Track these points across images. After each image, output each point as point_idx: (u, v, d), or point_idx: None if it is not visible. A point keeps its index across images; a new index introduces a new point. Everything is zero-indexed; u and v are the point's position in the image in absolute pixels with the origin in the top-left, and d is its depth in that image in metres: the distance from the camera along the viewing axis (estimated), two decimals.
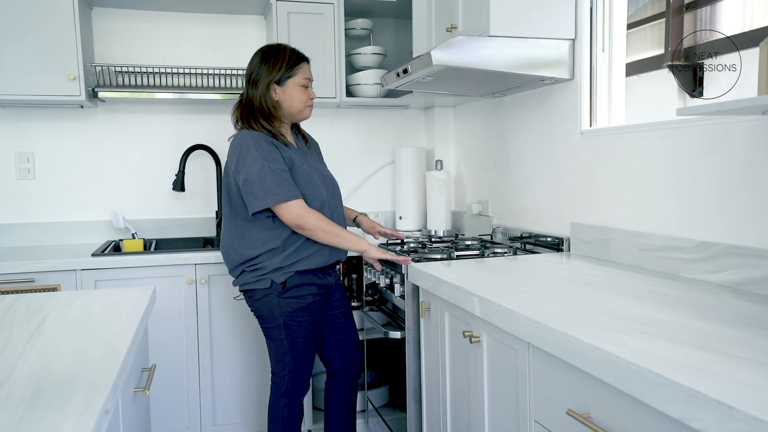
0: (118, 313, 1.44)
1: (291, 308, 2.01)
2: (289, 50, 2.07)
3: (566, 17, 2.14)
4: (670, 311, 1.31)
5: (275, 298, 2.00)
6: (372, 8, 3.08)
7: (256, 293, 2.03)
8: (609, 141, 2.00)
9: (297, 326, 2.03)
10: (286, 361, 2.05)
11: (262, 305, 2.03)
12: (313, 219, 1.94)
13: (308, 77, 2.08)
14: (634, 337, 1.12)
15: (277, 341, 2.04)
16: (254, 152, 1.93)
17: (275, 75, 2.01)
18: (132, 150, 2.95)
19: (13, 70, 2.48)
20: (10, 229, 2.79)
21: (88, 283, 2.39)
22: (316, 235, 1.96)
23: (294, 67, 2.04)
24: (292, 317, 2.02)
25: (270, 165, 1.92)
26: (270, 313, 2.02)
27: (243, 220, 2.03)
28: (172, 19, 2.97)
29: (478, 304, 1.53)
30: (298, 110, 2.08)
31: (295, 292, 2.02)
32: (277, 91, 2.03)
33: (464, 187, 3.11)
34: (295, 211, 1.93)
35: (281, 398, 2.08)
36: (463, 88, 2.53)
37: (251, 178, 1.91)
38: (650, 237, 1.81)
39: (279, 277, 1.99)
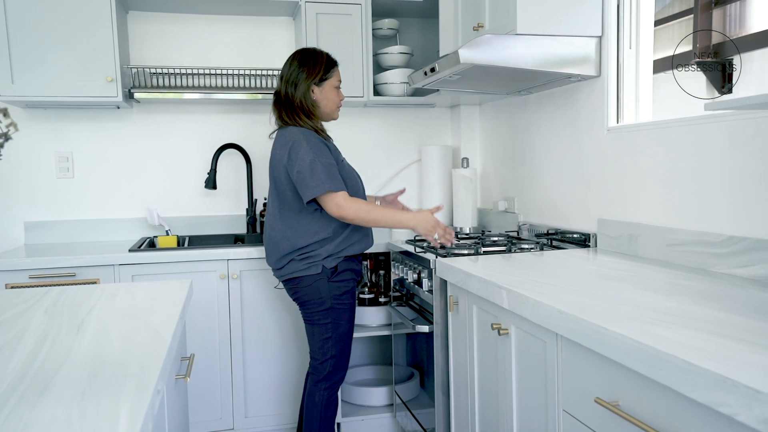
0: (159, 304, 1.51)
1: (339, 291, 2.17)
2: (326, 54, 2.23)
3: (593, 15, 2.16)
4: (698, 303, 1.33)
5: (325, 282, 2.14)
6: (399, 8, 3.12)
7: (304, 280, 2.15)
8: (636, 137, 2.02)
9: (342, 309, 2.19)
10: (328, 346, 2.18)
11: (310, 290, 2.15)
12: (353, 210, 2.06)
13: (340, 80, 2.26)
14: (662, 326, 1.14)
15: (321, 326, 2.17)
16: (305, 146, 2.07)
17: (318, 75, 2.17)
18: (166, 149, 3.04)
19: (54, 72, 2.57)
20: (51, 225, 2.90)
21: (125, 278, 2.47)
22: (359, 222, 2.09)
23: (330, 70, 2.20)
24: (339, 300, 2.17)
25: (319, 158, 2.06)
26: (318, 297, 2.15)
27: (292, 212, 2.16)
28: (205, 22, 3.05)
29: (506, 297, 1.56)
30: (331, 110, 2.25)
31: (342, 276, 2.18)
32: (315, 91, 2.18)
33: (490, 185, 3.14)
34: (335, 203, 2.05)
35: (321, 383, 2.21)
36: (490, 86, 2.56)
37: (303, 170, 2.04)
38: (678, 232, 1.82)
39: (330, 263, 2.14)
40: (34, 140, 2.88)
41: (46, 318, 1.36)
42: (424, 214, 2.14)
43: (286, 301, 2.65)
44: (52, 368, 1.01)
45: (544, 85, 2.45)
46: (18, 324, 1.32)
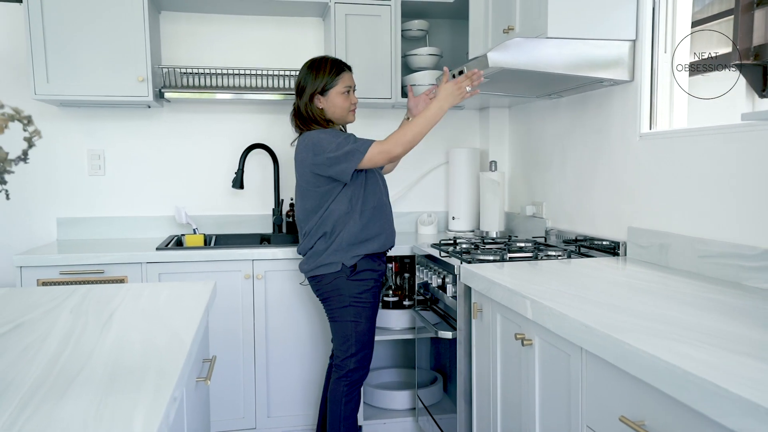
0: (182, 306, 1.52)
1: (359, 289, 2.22)
2: (330, 62, 2.27)
3: (627, 18, 2.10)
4: (730, 320, 1.28)
5: (344, 280, 2.20)
6: (428, 9, 3.09)
7: (325, 277, 2.22)
8: (669, 144, 1.96)
9: (362, 307, 2.23)
10: (350, 343, 2.22)
11: (331, 287, 2.22)
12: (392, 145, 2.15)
13: (348, 85, 2.28)
14: (692, 345, 1.10)
15: (342, 323, 2.23)
16: (326, 136, 2.18)
17: (318, 86, 2.23)
18: (195, 148, 3.07)
19: (87, 72, 2.61)
20: (83, 222, 2.95)
21: (152, 276, 2.50)
22: (410, 148, 2.18)
23: (335, 77, 2.24)
24: (358, 298, 2.22)
25: (340, 138, 2.16)
26: (338, 294, 2.21)
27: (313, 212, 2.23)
28: (235, 22, 3.06)
29: (530, 307, 1.53)
30: (341, 116, 2.30)
31: (362, 276, 2.23)
32: (321, 99, 2.26)
33: (518, 189, 3.10)
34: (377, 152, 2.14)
35: (342, 379, 2.25)
36: (519, 89, 2.52)
37: (332, 154, 2.13)
38: (710, 243, 1.77)
39: (349, 261, 2.20)
40: (67, 138, 2.93)
41: (72, 318, 1.38)
42: (442, 89, 2.18)
43: (310, 302, 2.66)
44: (73, 371, 1.02)
45: (576, 89, 2.40)
46: (44, 323, 1.33)
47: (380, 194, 2.31)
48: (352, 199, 2.21)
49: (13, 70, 2.83)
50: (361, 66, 2.86)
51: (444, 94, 2.17)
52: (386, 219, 2.32)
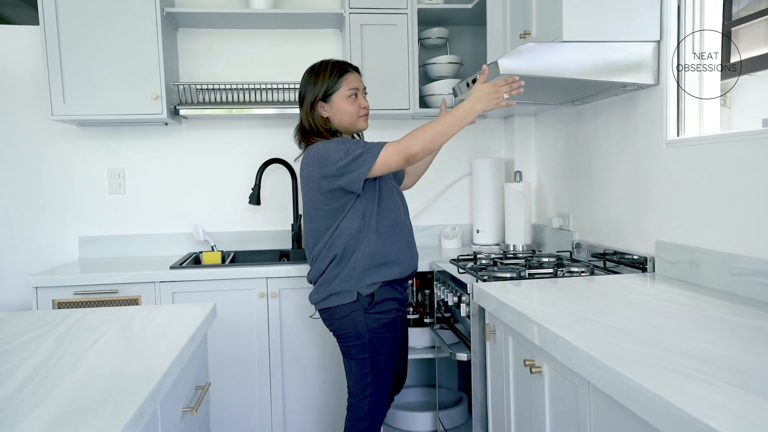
0: (171, 331, 1.46)
1: (378, 324, 1.96)
2: (331, 64, 2.03)
3: (650, 17, 1.96)
4: (758, 352, 1.14)
5: (362, 314, 1.95)
6: (448, 16, 3.00)
7: (338, 310, 1.98)
8: (698, 152, 1.81)
9: (381, 344, 1.98)
10: (366, 382, 1.99)
11: (346, 322, 1.97)
12: (415, 145, 1.88)
13: (355, 87, 2.03)
14: (708, 384, 0.97)
15: (359, 361, 1.98)
16: (331, 147, 1.93)
17: (319, 92, 2.00)
18: (213, 164, 3.05)
19: (102, 91, 2.62)
20: (104, 240, 2.96)
21: (166, 295, 2.47)
22: (431, 149, 1.91)
23: (337, 80, 2.01)
24: (378, 334, 1.97)
25: (348, 144, 1.92)
26: (354, 330, 1.96)
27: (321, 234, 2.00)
28: (252, 37, 3.04)
29: (537, 332, 1.41)
30: (350, 122, 2.05)
31: (381, 307, 1.97)
32: (325, 107, 2.03)
33: (545, 200, 2.96)
34: (392, 152, 1.88)
35: (360, 422, 2.02)
36: (539, 96, 2.40)
37: (341, 163, 1.88)
38: (744, 260, 1.61)
39: (365, 290, 1.95)
40: (88, 157, 2.96)
41: (53, 346, 1.34)
42: (477, 89, 1.91)
43: None
44: (27, 408, 0.97)
45: (598, 94, 2.26)
46: (24, 352, 1.30)
47: (397, 211, 2.05)
48: (365, 215, 1.96)
49: (33, 91, 2.87)
50: (377, 76, 2.79)
51: (478, 95, 1.90)
52: (406, 239, 2.05)
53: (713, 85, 1.93)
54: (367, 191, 1.96)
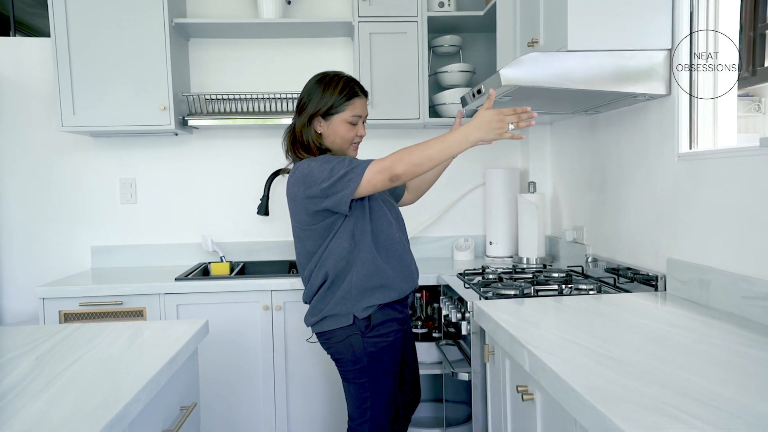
0: (154, 350, 1.44)
1: (375, 348, 1.88)
2: (343, 83, 1.91)
3: (660, 24, 1.88)
4: (756, 391, 1.05)
5: (359, 338, 1.86)
6: (460, 24, 2.94)
7: (335, 335, 1.90)
8: (711, 166, 1.72)
9: (381, 368, 1.89)
10: (366, 406, 1.91)
11: (343, 347, 1.89)
12: (401, 165, 1.73)
13: (358, 114, 1.92)
14: (689, 426, 0.90)
15: (358, 385, 1.90)
16: (316, 164, 1.83)
17: (322, 107, 1.89)
18: (224, 174, 3.04)
19: (111, 102, 2.64)
20: (116, 250, 2.98)
21: (170, 307, 2.47)
22: (418, 171, 1.76)
23: (344, 102, 1.89)
24: (376, 358, 1.88)
25: (333, 162, 1.81)
26: (352, 355, 1.88)
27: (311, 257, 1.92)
28: (264, 46, 3.03)
29: (527, 358, 1.35)
30: (341, 147, 1.94)
31: (379, 330, 1.88)
32: (322, 124, 1.91)
33: (560, 211, 2.87)
34: (377, 171, 1.74)
35: None
36: (548, 105, 2.32)
37: (325, 183, 1.78)
38: (756, 282, 1.51)
39: (362, 313, 1.86)
40: (100, 167, 2.98)
41: (30, 368, 1.32)
42: (479, 115, 1.72)
43: None
44: None
45: (611, 104, 2.17)
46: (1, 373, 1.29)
47: (390, 230, 1.93)
48: (355, 234, 1.86)
49: (46, 102, 2.90)
50: (387, 85, 2.75)
51: (477, 122, 1.71)
52: (400, 258, 1.95)
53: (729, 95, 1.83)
54: (355, 210, 1.86)
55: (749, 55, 1.88)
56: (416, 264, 2.06)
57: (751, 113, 1.99)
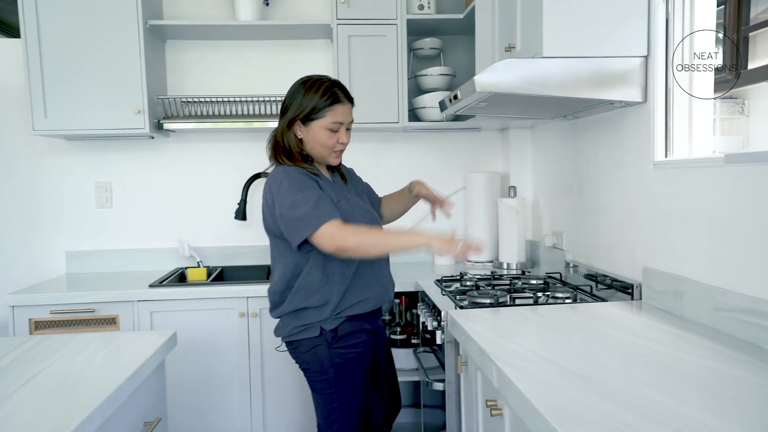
0: (115, 365, 1.41)
1: (342, 359, 1.83)
2: (324, 87, 1.83)
3: (637, 31, 1.86)
4: (723, 411, 1.03)
5: (325, 348, 1.82)
6: (441, 26, 2.91)
7: (302, 344, 1.87)
8: (686, 175, 1.70)
9: (348, 379, 1.85)
10: (333, 417, 1.87)
11: (310, 357, 1.85)
12: (353, 239, 1.70)
13: (340, 121, 1.84)
14: None
15: (325, 396, 1.86)
16: (287, 186, 1.77)
17: (301, 112, 1.82)
18: (201, 178, 3.00)
19: (84, 105, 2.59)
20: (91, 255, 2.93)
21: (144, 314, 2.43)
22: (364, 253, 1.74)
23: (325, 108, 1.81)
24: (343, 369, 1.84)
25: (304, 193, 1.74)
26: (319, 366, 1.84)
27: (285, 265, 1.87)
28: (242, 48, 2.99)
29: (496, 373, 1.32)
30: (321, 155, 1.88)
31: (347, 341, 1.83)
32: (302, 129, 1.85)
33: (541, 215, 2.85)
34: (327, 236, 1.70)
35: None
36: (526, 111, 2.30)
37: (285, 213, 1.74)
38: (728, 295, 1.50)
39: (329, 325, 1.83)
40: (75, 171, 2.93)
41: None
42: (437, 239, 1.73)
43: None
44: None
45: (588, 109, 2.16)
46: None
47: None
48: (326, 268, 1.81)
49: (19, 105, 2.84)
50: (366, 89, 2.72)
51: (434, 237, 1.71)
52: (375, 275, 1.90)
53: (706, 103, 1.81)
54: None
55: (732, 57, 1.86)
56: (392, 278, 2.01)
57: (735, 116, 1.98)
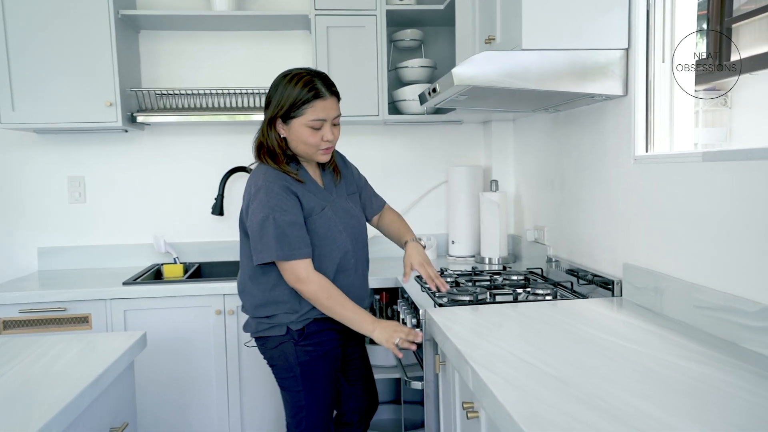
0: (78, 370, 1.36)
1: (308, 357, 1.80)
2: (303, 81, 1.70)
3: (617, 23, 1.82)
4: (698, 416, 1.00)
5: (291, 346, 1.79)
6: (421, 17, 2.86)
7: (269, 341, 1.84)
8: (666, 170, 1.67)
9: (315, 378, 1.82)
10: (301, 416, 1.83)
11: (277, 353, 1.83)
12: (313, 289, 1.72)
13: (321, 118, 1.71)
14: None
15: (293, 393, 1.83)
16: (263, 198, 1.70)
17: (280, 110, 1.71)
18: (177, 172, 2.94)
19: (54, 98, 2.51)
20: (64, 251, 2.86)
21: (117, 313, 2.37)
22: (316, 305, 1.75)
23: (304, 104, 1.69)
24: (309, 366, 1.81)
25: (275, 215, 1.68)
26: (285, 363, 1.81)
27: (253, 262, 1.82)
28: (219, 39, 2.92)
29: (471, 376, 1.29)
30: (305, 152, 1.77)
31: (313, 339, 1.80)
32: (284, 127, 1.75)
33: (523, 210, 2.82)
34: (294, 274, 1.71)
35: None
36: (506, 104, 2.26)
37: (253, 228, 1.71)
38: (707, 292, 1.47)
39: (296, 325, 1.79)
40: (47, 165, 2.85)
41: None
42: (389, 322, 1.77)
43: None
44: None
45: (569, 103, 2.12)
46: None
47: (344, 260, 1.82)
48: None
49: None
50: (345, 82, 2.64)
51: (382, 325, 1.75)
52: (349, 282, 1.85)
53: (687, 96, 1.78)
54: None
55: (716, 49, 1.83)
56: (367, 288, 1.98)
57: (718, 107, 1.96)
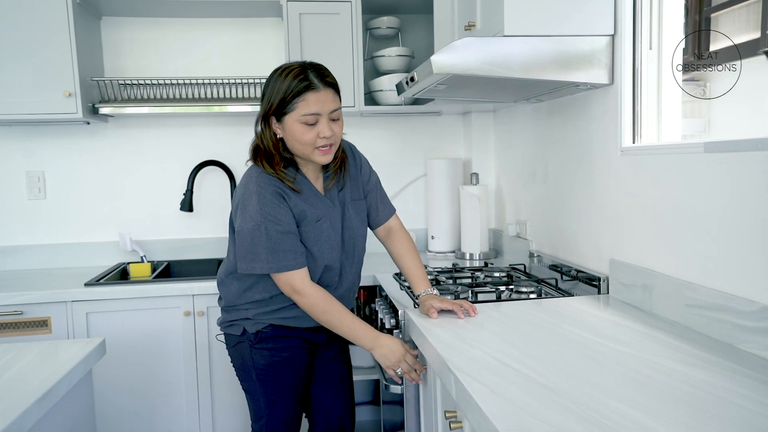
0: (27, 383, 1.24)
1: (265, 361, 1.69)
2: (293, 74, 1.55)
3: (603, 9, 1.74)
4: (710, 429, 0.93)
5: (247, 347, 1.70)
6: (399, 4, 2.76)
7: (229, 339, 1.77)
8: (654, 162, 1.60)
9: (273, 383, 1.70)
10: (262, 423, 1.74)
11: (234, 353, 1.76)
12: (309, 302, 1.60)
13: (314, 112, 1.54)
14: None
15: (254, 397, 1.74)
16: (254, 204, 1.57)
17: (271, 106, 1.57)
18: (144, 166, 2.80)
19: (12, 88, 2.36)
20: (24, 251, 2.71)
21: (79, 316, 2.24)
22: (312, 316, 1.63)
23: (294, 99, 1.53)
24: (268, 371, 1.70)
25: (268, 225, 1.56)
26: (243, 364, 1.73)
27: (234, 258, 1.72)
28: (186, 26, 2.78)
29: (454, 384, 1.20)
30: (301, 152, 1.60)
31: (270, 344, 1.69)
32: (278, 126, 1.60)
33: (505, 203, 2.74)
34: (290, 285, 1.59)
35: None
36: (487, 94, 2.18)
37: (242, 236, 1.58)
38: (699, 290, 1.40)
39: (252, 326, 1.70)
40: (3, 159, 2.70)
41: None
42: (393, 341, 1.63)
43: None
44: None
45: (553, 92, 2.04)
46: None
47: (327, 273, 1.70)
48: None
49: None
50: None
51: (386, 343, 1.62)
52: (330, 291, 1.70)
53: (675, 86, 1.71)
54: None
55: (695, 39, 1.77)
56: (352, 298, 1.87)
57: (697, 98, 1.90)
